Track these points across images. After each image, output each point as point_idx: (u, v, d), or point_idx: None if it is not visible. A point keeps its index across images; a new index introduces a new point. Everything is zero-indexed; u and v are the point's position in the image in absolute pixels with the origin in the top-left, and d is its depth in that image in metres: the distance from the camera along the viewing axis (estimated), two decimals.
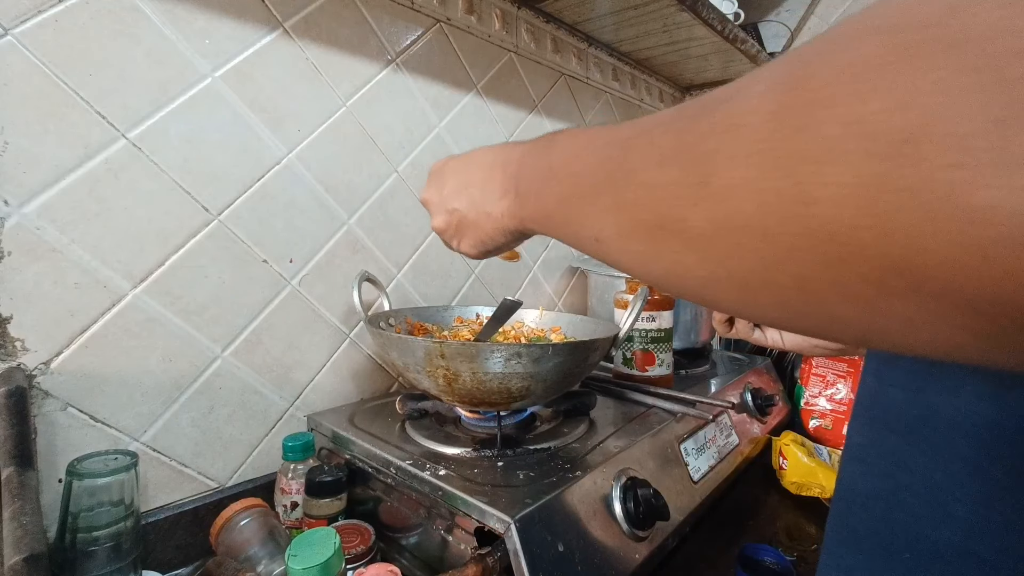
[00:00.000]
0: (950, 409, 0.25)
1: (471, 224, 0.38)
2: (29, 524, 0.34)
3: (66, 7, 0.47)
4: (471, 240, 0.39)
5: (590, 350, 0.51)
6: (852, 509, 0.29)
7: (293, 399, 0.66)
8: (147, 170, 0.53)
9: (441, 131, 0.83)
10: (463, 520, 0.44)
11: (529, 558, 0.39)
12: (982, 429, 0.24)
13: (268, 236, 0.62)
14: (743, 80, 0.17)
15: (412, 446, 0.55)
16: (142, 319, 0.53)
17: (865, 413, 0.29)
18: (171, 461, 0.55)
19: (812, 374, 0.91)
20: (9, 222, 0.45)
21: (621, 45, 1.12)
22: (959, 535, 0.24)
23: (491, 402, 0.51)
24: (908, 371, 0.27)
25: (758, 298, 0.17)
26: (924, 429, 0.26)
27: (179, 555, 0.54)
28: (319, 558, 0.35)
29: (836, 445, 0.84)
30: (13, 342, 0.46)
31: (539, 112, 1.00)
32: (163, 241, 0.54)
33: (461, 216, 0.38)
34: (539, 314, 0.75)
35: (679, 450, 0.60)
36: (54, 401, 0.48)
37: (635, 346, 0.74)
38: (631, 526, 0.47)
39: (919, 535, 0.25)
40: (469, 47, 0.86)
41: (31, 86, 0.46)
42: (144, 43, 0.52)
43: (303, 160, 0.66)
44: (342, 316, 0.70)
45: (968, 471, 0.24)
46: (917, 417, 0.26)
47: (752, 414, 0.78)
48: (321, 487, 0.51)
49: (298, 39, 0.64)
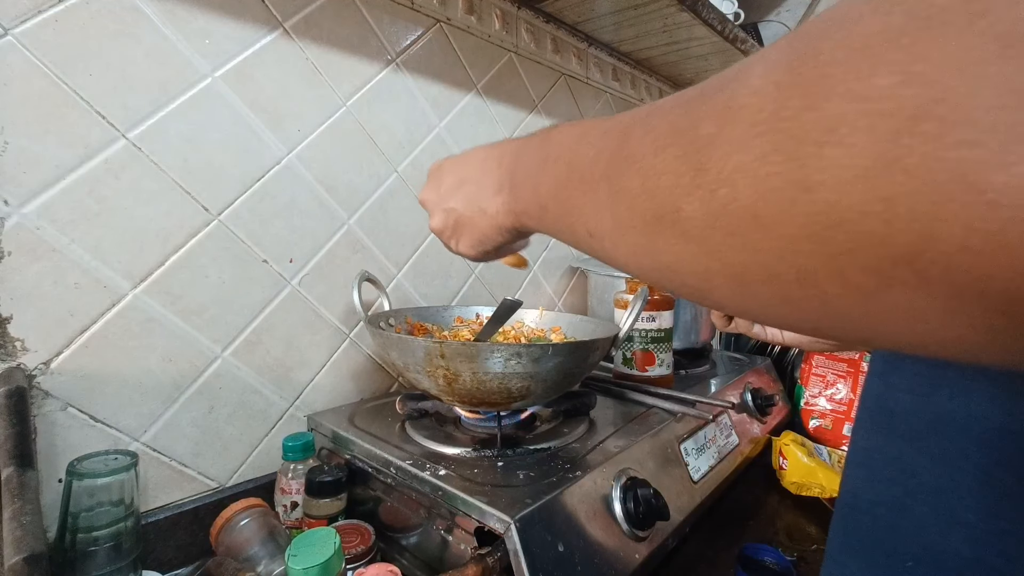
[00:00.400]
0: (960, 415, 0.24)
1: (467, 222, 0.37)
2: (29, 524, 0.34)
3: (66, 7, 0.47)
4: (468, 239, 0.38)
5: (590, 350, 0.51)
6: (856, 515, 0.28)
7: (293, 399, 0.66)
8: (147, 170, 0.53)
9: (441, 131, 0.83)
10: (463, 520, 0.44)
11: (529, 558, 0.39)
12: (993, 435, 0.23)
13: (268, 236, 0.62)
14: (746, 61, 0.16)
15: (412, 446, 0.55)
16: (142, 319, 0.53)
17: (870, 417, 0.29)
18: (171, 461, 0.55)
19: (812, 374, 0.91)
20: (9, 222, 0.45)
21: (621, 45, 1.12)
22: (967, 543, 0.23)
23: (491, 402, 0.51)
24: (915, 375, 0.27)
25: (757, 293, 0.16)
26: (932, 435, 0.25)
27: (179, 555, 0.54)
28: (319, 558, 0.35)
29: (836, 445, 0.84)
30: (13, 342, 0.46)
31: (539, 112, 1.00)
32: (163, 241, 0.54)
33: (458, 215, 0.38)
34: (539, 314, 0.75)
35: (679, 450, 0.60)
36: (54, 401, 0.48)
37: (635, 346, 0.74)
38: (631, 526, 0.47)
39: (925, 543, 0.25)
40: (469, 47, 0.86)
41: (31, 86, 0.46)
42: (144, 43, 0.52)
43: (303, 160, 0.66)
44: (342, 316, 0.70)
45: (977, 478, 0.23)
46: (925, 422, 0.26)
47: (752, 414, 0.78)
48: (321, 487, 0.51)
49: (298, 39, 0.64)
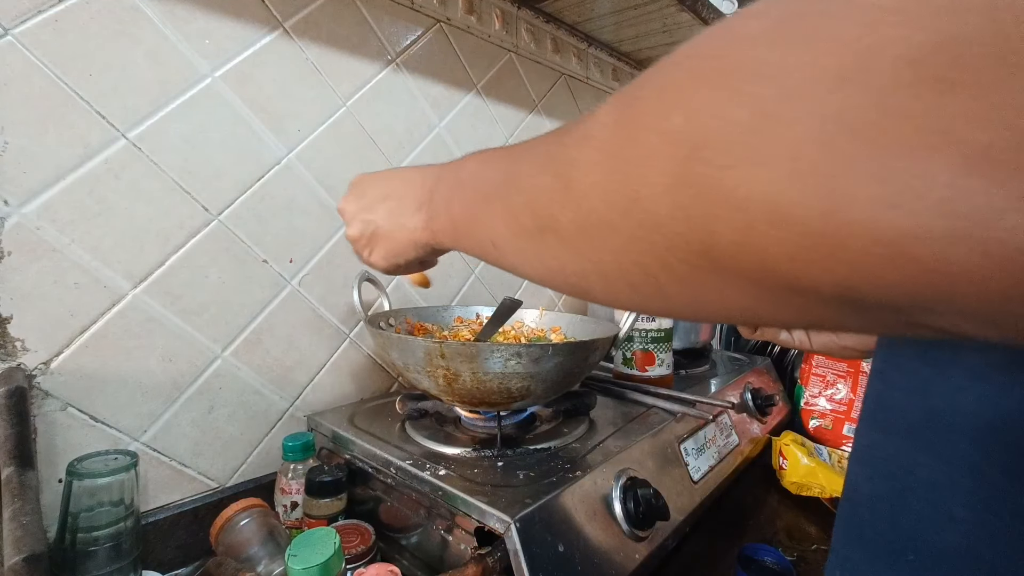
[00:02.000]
0: (951, 411, 0.25)
1: (384, 236, 0.39)
2: (29, 524, 0.34)
3: (66, 7, 0.47)
4: (382, 252, 0.40)
5: (590, 350, 0.51)
6: (858, 511, 0.29)
7: (293, 399, 0.66)
8: (147, 170, 0.53)
9: (441, 131, 0.83)
10: (463, 520, 0.44)
11: (529, 558, 0.39)
12: (983, 431, 0.24)
13: (268, 236, 0.62)
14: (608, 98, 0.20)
15: (412, 446, 0.55)
16: (142, 319, 0.53)
17: (870, 416, 0.30)
18: (171, 461, 0.55)
19: (812, 374, 0.91)
20: (9, 222, 0.45)
21: (621, 45, 1.12)
22: (961, 537, 0.24)
23: (491, 402, 0.51)
24: (912, 373, 0.27)
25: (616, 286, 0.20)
26: (926, 431, 0.26)
27: (179, 555, 0.54)
28: (319, 558, 0.35)
29: (836, 445, 0.84)
30: (13, 342, 0.46)
31: (539, 112, 1.00)
32: (163, 241, 0.54)
33: (376, 227, 0.40)
34: (539, 314, 0.75)
35: (679, 450, 0.60)
36: (54, 401, 0.48)
37: (635, 346, 0.74)
38: (631, 526, 0.47)
39: (923, 537, 0.25)
40: (469, 47, 0.86)
41: (31, 86, 0.46)
42: (144, 43, 0.52)
43: (303, 160, 0.66)
44: (342, 316, 0.70)
45: (969, 473, 0.24)
46: (919, 419, 0.27)
47: (752, 414, 0.78)
48: (321, 487, 0.51)
49: (298, 39, 0.64)
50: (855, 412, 0.86)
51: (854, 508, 0.29)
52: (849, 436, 0.85)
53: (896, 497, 0.27)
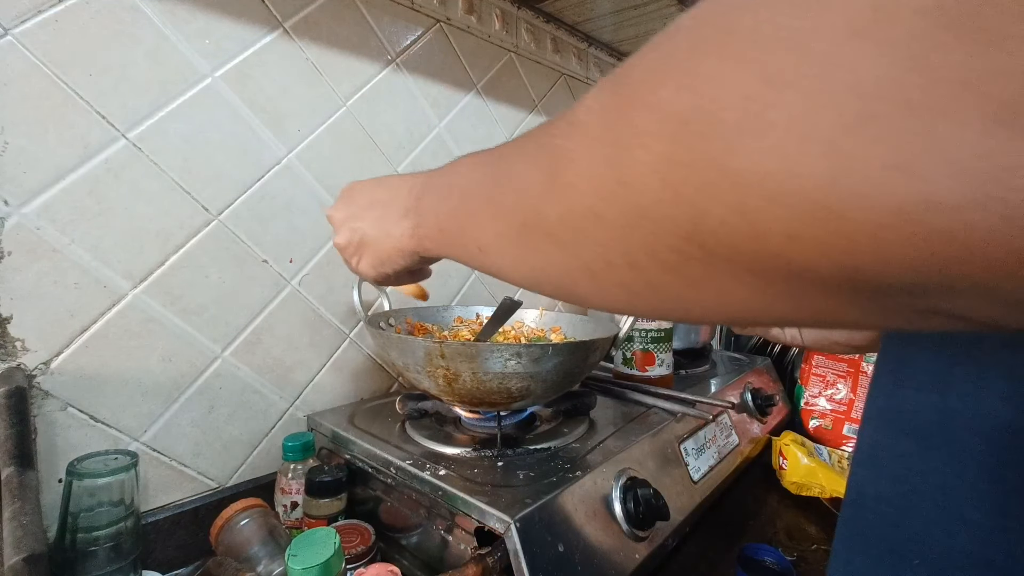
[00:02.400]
0: (969, 412, 0.24)
1: (371, 243, 0.39)
2: (29, 524, 0.34)
3: (66, 7, 0.47)
4: (370, 259, 0.40)
5: (590, 350, 0.51)
6: (862, 513, 0.28)
7: (293, 399, 0.66)
8: (147, 170, 0.53)
9: (441, 131, 0.83)
10: (463, 520, 0.44)
11: (529, 558, 0.39)
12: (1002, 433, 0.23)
13: (268, 236, 0.62)
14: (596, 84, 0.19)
15: (412, 446, 0.55)
16: (142, 319, 0.53)
17: (879, 415, 0.28)
18: (171, 461, 0.55)
19: (812, 374, 0.91)
20: (9, 222, 0.45)
21: (621, 45, 1.12)
22: (974, 542, 0.23)
23: (491, 402, 0.51)
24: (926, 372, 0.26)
25: (604, 284, 0.19)
26: (941, 433, 0.25)
27: (179, 555, 0.54)
28: (319, 558, 0.35)
29: (836, 445, 0.84)
30: (13, 342, 0.46)
31: (539, 112, 1.00)
32: (163, 241, 0.54)
33: (363, 234, 0.39)
34: (539, 314, 0.75)
35: (679, 450, 0.60)
36: (54, 401, 0.48)
37: (635, 346, 0.74)
38: (631, 526, 0.47)
39: (932, 541, 0.24)
40: (469, 47, 0.86)
41: (31, 86, 0.46)
42: (144, 43, 0.52)
43: (303, 160, 0.65)
44: (342, 316, 0.70)
45: (985, 476, 0.23)
46: (934, 420, 0.25)
47: (752, 414, 0.78)
48: (321, 487, 0.51)
49: (298, 39, 0.64)
50: (855, 412, 0.86)
51: (858, 511, 0.28)
52: (849, 436, 0.85)
53: (903, 500, 0.26)
